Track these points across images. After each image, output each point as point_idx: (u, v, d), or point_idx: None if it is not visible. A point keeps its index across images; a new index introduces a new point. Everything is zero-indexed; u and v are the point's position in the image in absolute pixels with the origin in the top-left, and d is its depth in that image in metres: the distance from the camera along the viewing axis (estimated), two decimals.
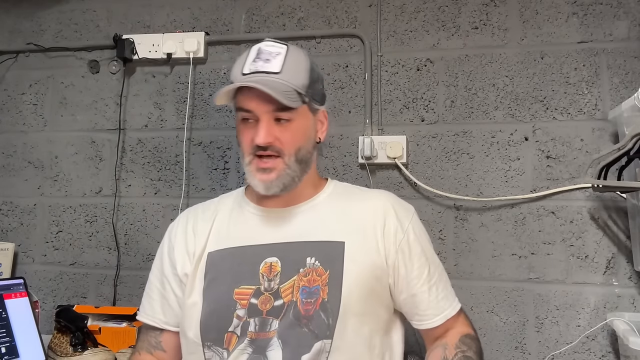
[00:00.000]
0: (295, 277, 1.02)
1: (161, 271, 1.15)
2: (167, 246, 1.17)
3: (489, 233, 1.62)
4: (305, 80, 1.06)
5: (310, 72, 1.08)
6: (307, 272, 1.02)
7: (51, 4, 2.00)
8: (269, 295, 1.02)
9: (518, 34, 1.65)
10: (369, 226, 1.08)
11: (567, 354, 1.53)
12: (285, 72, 1.03)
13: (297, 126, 1.05)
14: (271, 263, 1.04)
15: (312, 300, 1.00)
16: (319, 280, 1.01)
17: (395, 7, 1.75)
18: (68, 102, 1.96)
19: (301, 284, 1.01)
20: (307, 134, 1.09)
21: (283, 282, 1.02)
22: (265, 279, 1.03)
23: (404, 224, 1.10)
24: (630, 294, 1.52)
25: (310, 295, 1.00)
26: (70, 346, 1.50)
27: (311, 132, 1.10)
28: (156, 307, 1.14)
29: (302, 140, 1.07)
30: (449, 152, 1.67)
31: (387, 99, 1.72)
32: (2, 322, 1.42)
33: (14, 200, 1.97)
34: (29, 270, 1.91)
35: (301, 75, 1.06)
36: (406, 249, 1.08)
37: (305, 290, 1.01)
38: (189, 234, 1.14)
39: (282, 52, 1.06)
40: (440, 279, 1.12)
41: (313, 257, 1.04)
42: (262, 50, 1.06)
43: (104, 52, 1.94)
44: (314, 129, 1.12)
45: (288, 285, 1.02)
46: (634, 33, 1.57)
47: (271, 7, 1.84)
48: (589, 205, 1.56)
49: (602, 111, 1.58)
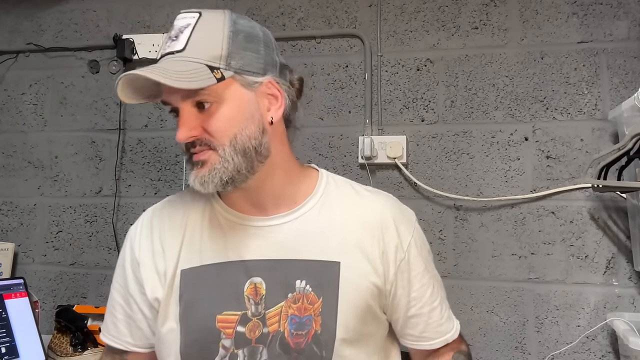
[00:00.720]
0: (282, 303, 0.87)
1: (125, 288, 0.96)
2: (131, 261, 0.96)
3: (489, 233, 1.62)
4: (221, 50, 0.84)
5: (231, 38, 0.85)
6: (297, 298, 0.87)
7: (51, 4, 2.00)
8: (257, 321, 0.88)
9: (518, 34, 1.65)
10: (367, 243, 0.92)
11: (567, 354, 1.53)
12: (190, 47, 0.84)
13: (225, 109, 0.84)
14: (255, 284, 0.89)
15: (304, 333, 0.86)
16: (310, 309, 0.87)
17: (395, 7, 1.75)
18: (68, 102, 1.96)
19: (290, 312, 0.87)
20: (244, 116, 0.86)
21: (269, 308, 0.88)
22: (252, 302, 0.88)
23: (404, 240, 0.94)
24: (630, 294, 1.51)
25: (301, 327, 0.87)
26: (70, 346, 1.50)
27: (251, 112, 0.87)
28: (122, 329, 0.97)
29: (237, 125, 0.85)
30: (449, 152, 1.67)
31: (387, 99, 1.72)
32: (2, 322, 1.42)
33: (14, 200, 1.97)
34: (29, 270, 1.91)
35: (214, 44, 0.84)
36: (406, 268, 0.94)
37: (295, 320, 0.87)
38: (157, 249, 0.94)
39: (192, 23, 0.86)
40: (443, 299, 0.99)
41: (304, 281, 0.88)
42: (174, 26, 0.88)
43: (104, 52, 1.94)
44: (258, 108, 0.87)
45: (275, 312, 0.88)
46: (634, 33, 1.57)
47: (271, 7, 1.84)
48: (589, 205, 1.56)
49: (602, 111, 1.58)
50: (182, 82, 0.80)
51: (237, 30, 0.86)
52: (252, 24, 0.89)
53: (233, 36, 0.85)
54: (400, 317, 0.95)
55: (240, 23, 0.87)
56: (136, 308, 0.95)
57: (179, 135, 0.83)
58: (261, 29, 0.90)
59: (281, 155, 0.92)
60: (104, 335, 0.99)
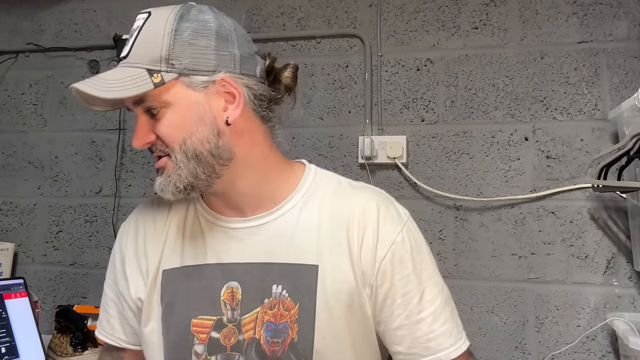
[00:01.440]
0: (258, 309, 0.84)
1: (116, 283, 0.94)
2: (119, 255, 0.95)
3: (489, 233, 1.62)
4: (161, 51, 0.79)
5: (172, 37, 0.79)
6: (273, 304, 0.83)
7: (51, 4, 2.00)
8: (232, 327, 0.84)
9: (518, 34, 1.65)
10: (348, 242, 0.85)
11: (567, 354, 1.53)
12: (133, 51, 0.81)
13: (171, 113, 0.80)
14: (232, 289, 0.85)
15: (280, 340, 0.82)
16: (286, 315, 0.83)
17: (395, 7, 1.75)
18: (68, 102, 1.96)
19: (266, 319, 0.83)
20: (192, 119, 0.80)
21: (244, 314, 0.84)
22: (229, 307, 0.84)
23: (388, 237, 0.85)
24: (630, 294, 1.51)
25: (277, 334, 0.82)
26: (71, 346, 1.50)
27: (200, 115, 0.81)
28: (115, 325, 0.95)
29: (185, 130, 0.80)
30: (449, 152, 1.67)
31: (387, 99, 1.72)
32: (2, 322, 1.42)
33: (14, 200, 1.97)
34: (29, 270, 1.91)
35: (155, 45, 0.79)
36: (388, 269, 0.84)
37: (271, 327, 0.83)
38: (140, 248, 0.92)
39: (140, 25, 0.83)
40: (441, 310, 0.86)
41: (280, 285, 0.83)
42: (130, 30, 0.84)
43: (104, 52, 1.94)
44: (209, 109, 0.81)
45: (250, 318, 0.84)
46: (634, 33, 1.57)
47: (271, 7, 1.84)
48: (589, 205, 1.56)
49: (602, 111, 1.58)
50: (112, 92, 0.78)
51: (182, 28, 0.80)
52: (204, 18, 0.82)
53: (175, 35, 0.79)
54: (386, 330, 0.86)
55: (189, 18, 0.81)
56: (126, 306, 0.93)
57: (133, 142, 0.83)
58: (218, 20, 0.83)
59: (252, 155, 0.86)
60: (99, 332, 0.98)
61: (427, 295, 0.85)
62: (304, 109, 1.76)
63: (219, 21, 0.83)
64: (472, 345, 1.62)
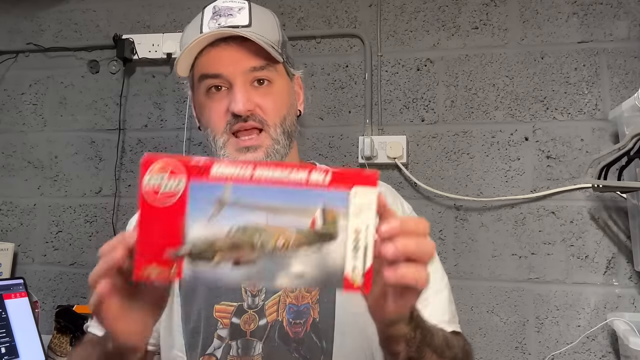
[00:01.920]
0: (280, 293, 0.87)
1: None
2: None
3: (489, 233, 1.62)
4: (279, 37, 0.90)
5: (280, 29, 0.91)
6: None
7: (51, 4, 2.00)
8: (253, 313, 0.87)
9: (518, 34, 1.65)
10: None
11: (567, 354, 1.53)
12: (255, 25, 0.85)
13: (280, 89, 0.88)
14: None
15: (302, 321, 0.85)
16: (308, 297, 0.86)
17: (395, 7, 1.75)
18: (68, 102, 1.96)
19: (288, 301, 0.87)
20: (290, 101, 0.90)
21: (268, 298, 0.87)
22: (249, 294, 0.88)
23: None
24: (631, 294, 1.51)
25: (299, 315, 0.86)
26: (70, 346, 1.50)
27: (292, 100, 0.91)
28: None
29: (287, 108, 0.88)
30: (449, 152, 1.67)
31: (387, 99, 1.72)
32: (2, 322, 1.42)
33: (14, 200, 1.97)
34: (28, 271, 1.91)
35: (274, 30, 0.89)
36: None
37: (293, 309, 0.86)
38: None
39: (245, 7, 0.87)
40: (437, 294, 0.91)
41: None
42: (219, 7, 0.87)
43: (104, 52, 1.94)
44: (294, 96, 0.93)
45: (273, 301, 0.87)
46: (634, 33, 1.57)
47: (271, 7, 1.81)
48: (589, 205, 1.56)
49: (602, 111, 1.57)
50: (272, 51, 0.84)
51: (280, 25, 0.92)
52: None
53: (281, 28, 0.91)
54: None
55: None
56: None
57: (238, 106, 0.82)
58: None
59: (295, 148, 0.94)
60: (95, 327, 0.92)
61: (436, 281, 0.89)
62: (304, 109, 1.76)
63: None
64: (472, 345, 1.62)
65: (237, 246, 0.57)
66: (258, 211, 0.57)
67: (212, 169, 0.57)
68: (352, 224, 0.56)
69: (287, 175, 0.57)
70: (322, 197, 0.57)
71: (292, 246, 0.57)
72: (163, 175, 0.58)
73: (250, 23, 0.85)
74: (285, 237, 0.57)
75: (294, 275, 0.57)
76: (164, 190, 0.58)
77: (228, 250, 0.57)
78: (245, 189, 0.57)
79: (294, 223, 0.57)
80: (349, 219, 0.56)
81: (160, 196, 0.57)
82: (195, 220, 0.57)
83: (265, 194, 0.57)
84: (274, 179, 0.57)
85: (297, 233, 0.57)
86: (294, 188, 0.57)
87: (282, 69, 0.89)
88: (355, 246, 0.56)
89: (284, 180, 0.57)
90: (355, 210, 0.56)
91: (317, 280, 0.57)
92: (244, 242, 0.57)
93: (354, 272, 0.56)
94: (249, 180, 0.57)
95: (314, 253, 0.57)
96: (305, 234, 0.57)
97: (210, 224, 0.57)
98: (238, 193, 0.57)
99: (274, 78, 0.86)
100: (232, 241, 0.57)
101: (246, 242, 0.57)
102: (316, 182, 0.57)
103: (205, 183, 0.58)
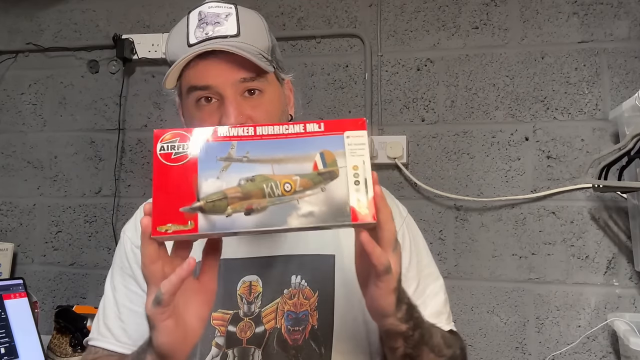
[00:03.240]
0: (279, 300, 0.86)
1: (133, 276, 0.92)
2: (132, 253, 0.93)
3: (490, 233, 1.62)
4: (268, 42, 0.87)
5: (269, 33, 0.88)
6: (293, 294, 0.86)
7: (51, 4, 2.00)
8: (249, 320, 0.86)
9: (518, 33, 1.65)
10: None
11: (568, 355, 1.53)
12: (244, 33, 0.83)
13: (271, 98, 0.85)
14: (250, 282, 0.87)
15: (300, 329, 0.85)
16: (306, 304, 0.86)
17: (395, 7, 1.74)
18: (67, 102, 1.96)
19: (286, 309, 0.86)
20: (282, 109, 0.88)
21: (265, 305, 0.86)
22: (245, 301, 0.86)
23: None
24: (631, 294, 1.51)
25: (298, 323, 0.85)
26: (70, 347, 1.50)
27: (284, 107, 0.90)
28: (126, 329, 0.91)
29: (278, 116, 0.86)
30: (449, 152, 1.66)
31: (387, 99, 1.72)
32: (2, 322, 1.42)
33: (14, 200, 1.96)
34: (28, 271, 1.90)
35: (262, 36, 0.86)
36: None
37: (292, 316, 0.85)
38: None
39: (232, 12, 0.85)
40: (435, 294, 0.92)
41: (299, 276, 0.87)
42: (205, 13, 0.85)
43: (104, 52, 1.94)
44: (285, 103, 0.91)
45: (271, 309, 0.86)
46: (634, 33, 1.57)
47: (271, 7, 1.83)
48: (590, 205, 1.56)
49: (603, 111, 1.57)
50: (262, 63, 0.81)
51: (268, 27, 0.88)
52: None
53: (269, 32, 0.88)
54: None
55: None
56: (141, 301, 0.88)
57: (230, 120, 0.80)
58: None
59: None
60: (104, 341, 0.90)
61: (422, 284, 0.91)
62: (304, 109, 1.76)
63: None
64: (472, 345, 1.62)
65: (248, 195, 0.61)
66: (263, 164, 0.63)
67: (218, 131, 0.64)
68: (350, 162, 0.63)
69: (285, 130, 0.64)
70: (319, 143, 0.63)
71: (299, 188, 0.62)
72: (174, 141, 0.64)
73: (239, 32, 0.83)
74: (291, 182, 0.62)
75: (303, 215, 0.61)
76: (176, 153, 0.64)
77: (239, 200, 0.61)
78: (250, 145, 0.63)
79: (297, 169, 0.62)
80: (346, 158, 0.63)
81: (173, 158, 0.63)
82: (206, 177, 0.62)
83: (268, 147, 0.63)
84: (274, 134, 0.64)
85: (301, 177, 0.62)
86: (293, 139, 0.63)
87: (273, 77, 0.87)
88: (356, 181, 0.62)
89: (283, 133, 0.64)
90: (351, 150, 0.63)
91: (325, 216, 0.61)
92: (254, 190, 0.61)
93: (359, 203, 0.61)
94: (251, 137, 0.63)
95: (319, 192, 0.62)
96: (310, 177, 0.62)
97: (220, 179, 0.62)
98: (244, 149, 0.63)
99: (265, 88, 0.84)
100: (243, 191, 0.61)
101: (256, 191, 0.61)
102: (312, 130, 0.64)
103: (213, 143, 0.63)
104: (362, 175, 0.62)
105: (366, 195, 0.62)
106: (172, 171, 0.63)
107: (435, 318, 0.89)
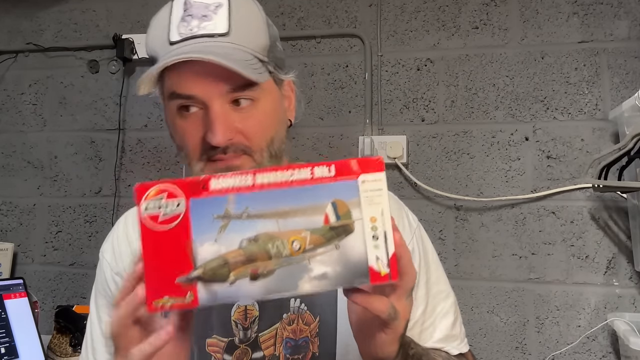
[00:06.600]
0: (277, 325, 0.79)
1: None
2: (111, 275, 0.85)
3: (490, 233, 1.62)
4: (266, 40, 0.73)
5: (268, 27, 0.74)
6: (292, 319, 0.79)
7: (51, 4, 2.00)
8: (245, 347, 0.79)
9: (518, 33, 1.65)
10: None
11: (568, 355, 1.53)
12: (235, 31, 0.70)
13: (265, 107, 0.72)
14: (246, 307, 0.79)
15: (300, 356, 0.78)
16: (306, 330, 0.79)
17: (395, 7, 1.75)
18: (67, 102, 1.96)
19: (285, 335, 0.79)
20: (278, 117, 0.76)
21: (263, 330, 0.79)
22: (240, 327, 0.80)
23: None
24: (631, 294, 1.51)
25: (297, 350, 0.78)
26: (70, 346, 1.50)
27: (282, 114, 0.77)
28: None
29: (274, 127, 0.74)
30: (449, 152, 1.66)
31: (387, 99, 1.72)
32: (2, 322, 1.42)
33: (14, 200, 1.96)
34: (28, 271, 1.90)
35: (259, 33, 0.72)
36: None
37: (291, 343, 0.79)
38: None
39: (224, 4, 0.71)
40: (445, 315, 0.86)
41: (298, 299, 0.79)
42: (192, 2, 0.71)
43: (104, 52, 1.94)
44: (284, 108, 0.79)
45: (269, 335, 0.80)
46: (634, 33, 1.57)
47: (271, 7, 1.83)
48: (590, 205, 1.56)
49: (603, 111, 1.57)
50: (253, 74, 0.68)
51: (268, 19, 0.75)
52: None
53: (269, 25, 0.74)
54: None
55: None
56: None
57: (216, 137, 0.68)
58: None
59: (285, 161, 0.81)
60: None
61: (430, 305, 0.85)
62: (304, 109, 1.76)
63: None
64: (472, 345, 1.62)
65: (252, 259, 0.53)
66: (267, 218, 0.54)
67: (211, 183, 0.54)
68: (366, 213, 0.54)
69: (290, 176, 0.54)
70: (330, 190, 0.54)
71: (309, 247, 0.53)
72: (160, 199, 0.54)
73: (229, 30, 0.70)
74: (300, 239, 0.53)
75: (316, 278, 0.53)
76: (164, 214, 0.54)
77: (242, 265, 0.53)
78: (249, 198, 0.53)
79: (306, 224, 0.53)
80: (362, 208, 0.54)
81: (161, 221, 0.54)
82: (202, 240, 0.53)
83: (271, 199, 0.53)
84: (277, 182, 0.54)
85: (312, 233, 0.53)
86: (299, 187, 0.54)
87: (270, 81, 0.75)
88: (374, 235, 0.54)
89: (288, 181, 0.54)
90: (367, 198, 0.54)
91: (341, 278, 0.53)
92: (258, 253, 0.53)
93: (378, 261, 0.53)
94: (251, 188, 0.54)
95: (333, 250, 0.53)
96: (321, 232, 0.53)
97: (218, 241, 0.53)
98: (242, 203, 0.53)
99: (257, 96, 0.71)
100: (246, 254, 0.53)
101: (260, 253, 0.53)
102: (321, 176, 0.54)
103: (206, 199, 0.54)
104: (380, 228, 0.53)
105: (386, 251, 0.53)
106: (162, 237, 0.53)
107: (442, 343, 0.84)
